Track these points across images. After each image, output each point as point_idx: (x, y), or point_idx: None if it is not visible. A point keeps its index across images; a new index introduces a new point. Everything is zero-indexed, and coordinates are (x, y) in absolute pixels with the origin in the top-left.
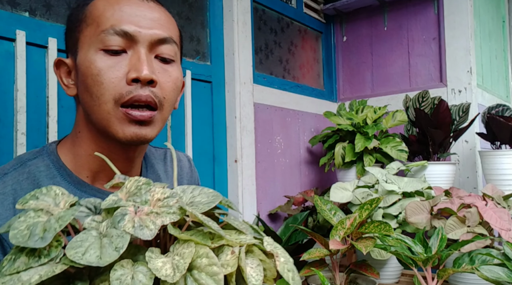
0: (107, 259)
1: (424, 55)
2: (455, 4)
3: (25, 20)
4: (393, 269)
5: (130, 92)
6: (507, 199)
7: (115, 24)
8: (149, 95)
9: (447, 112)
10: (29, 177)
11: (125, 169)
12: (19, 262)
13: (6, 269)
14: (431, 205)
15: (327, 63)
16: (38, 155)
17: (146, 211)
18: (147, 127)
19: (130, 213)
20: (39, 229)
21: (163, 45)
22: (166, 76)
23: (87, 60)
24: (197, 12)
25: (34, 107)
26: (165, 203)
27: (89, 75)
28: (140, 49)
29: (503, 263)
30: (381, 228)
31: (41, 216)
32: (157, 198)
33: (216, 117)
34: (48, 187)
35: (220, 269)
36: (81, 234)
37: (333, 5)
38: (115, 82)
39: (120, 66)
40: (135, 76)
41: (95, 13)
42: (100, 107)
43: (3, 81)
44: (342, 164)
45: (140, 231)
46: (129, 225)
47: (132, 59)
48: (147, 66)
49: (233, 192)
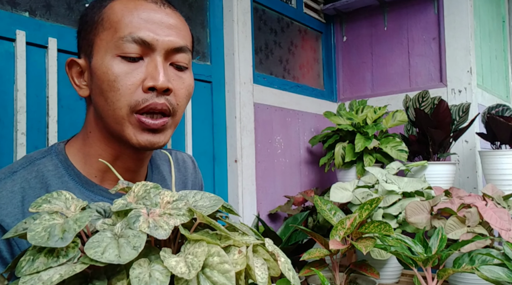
0: (126, 257)
1: (424, 55)
2: (455, 4)
3: (25, 20)
4: (393, 269)
5: (146, 100)
6: (507, 199)
7: (133, 31)
8: (165, 104)
9: (447, 112)
10: (38, 176)
11: (134, 169)
12: (38, 262)
13: (26, 269)
14: (431, 205)
15: (327, 63)
16: (46, 154)
17: (158, 212)
18: (160, 135)
19: (143, 215)
20: (58, 230)
21: (178, 54)
22: (180, 83)
23: (104, 65)
24: (197, 12)
25: (34, 107)
26: (175, 206)
27: (105, 80)
28: (157, 57)
29: (503, 263)
30: (381, 228)
31: (56, 218)
32: (166, 201)
33: (216, 117)
34: (59, 191)
35: (231, 267)
36: (96, 235)
37: (333, 5)
38: (131, 89)
39: (137, 73)
40: (151, 85)
41: (113, 18)
42: (115, 112)
43: (3, 81)
44: (342, 164)
45: (155, 231)
46: (145, 226)
47: (148, 66)
48: (163, 74)
49: (233, 192)
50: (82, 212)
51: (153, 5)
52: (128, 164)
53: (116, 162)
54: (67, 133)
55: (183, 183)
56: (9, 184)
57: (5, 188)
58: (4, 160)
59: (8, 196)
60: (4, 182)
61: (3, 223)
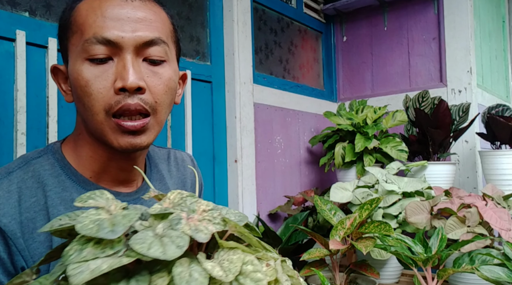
0: (171, 254)
1: (424, 55)
2: (455, 4)
3: (25, 20)
4: (393, 269)
5: (118, 102)
6: (507, 199)
7: (97, 32)
8: (138, 103)
9: (447, 112)
10: (34, 175)
11: (128, 169)
12: (86, 252)
13: (74, 257)
14: (431, 205)
15: (327, 63)
16: (42, 154)
17: (197, 218)
18: (142, 136)
19: (184, 219)
20: (107, 224)
21: (151, 48)
22: (156, 79)
23: (75, 70)
24: (197, 12)
25: (34, 107)
26: (210, 214)
27: (78, 86)
28: (126, 56)
29: (503, 263)
30: (381, 228)
31: (102, 214)
32: (202, 209)
33: (216, 117)
34: (101, 191)
35: (264, 276)
36: (139, 234)
37: (333, 5)
38: (103, 92)
39: (107, 75)
40: (121, 86)
41: (79, 20)
42: (93, 117)
43: (3, 81)
44: (342, 164)
45: (196, 234)
46: (187, 228)
47: (118, 66)
48: (133, 73)
49: (233, 192)
50: (129, 211)
51: (118, 0)
52: (121, 164)
53: (109, 162)
54: (67, 133)
55: (182, 182)
56: (5, 184)
57: (2, 188)
58: (4, 160)
59: (4, 196)
60: (1, 182)
61: (0, 223)
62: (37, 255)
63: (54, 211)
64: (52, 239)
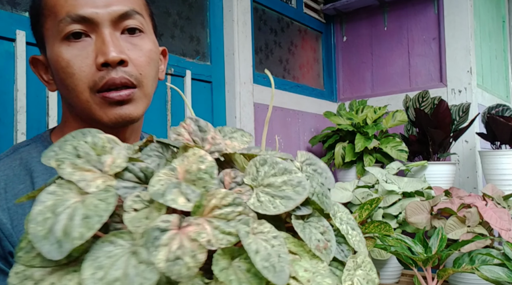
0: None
1: (424, 55)
2: (455, 4)
3: (25, 20)
4: (393, 269)
5: (102, 77)
6: (507, 199)
7: (70, 10)
8: (123, 77)
9: (447, 112)
10: (22, 163)
11: None
12: (35, 253)
13: (22, 256)
14: (431, 205)
15: (327, 63)
16: (31, 142)
17: (194, 226)
18: (129, 106)
19: (170, 231)
20: (59, 227)
21: (127, 20)
22: (138, 51)
23: (54, 54)
24: (197, 12)
25: (34, 107)
26: (227, 213)
27: (59, 68)
28: (103, 31)
29: (503, 263)
30: (381, 228)
31: (71, 196)
32: (220, 196)
33: (216, 117)
34: (97, 135)
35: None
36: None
37: (333, 5)
38: (86, 70)
39: (87, 53)
40: (103, 61)
41: (50, 3)
42: (78, 97)
43: (3, 81)
44: (342, 164)
45: (171, 267)
46: (162, 255)
47: (97, 43)
48: (113, 47)
49: None
50: (100, 193)
51: None
52: None
53: None
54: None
55: None
56: None
57: None
58: None
59: None
60: None
61: None
62: None
63: None
64: None
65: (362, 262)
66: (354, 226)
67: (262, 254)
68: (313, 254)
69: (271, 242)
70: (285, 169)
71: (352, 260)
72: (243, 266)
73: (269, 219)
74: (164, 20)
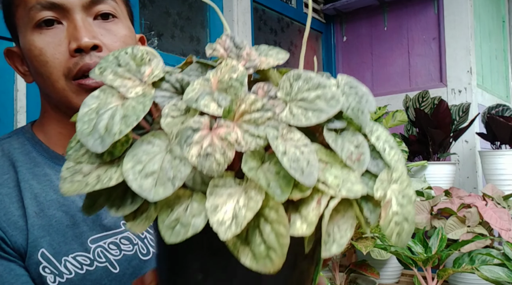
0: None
1: (424, 55)
2: (455, 4)
3: None
4: (393, 269)
5: (76, 63)
6: (507, 199)
7: None
8: (97, 62)
9: (447, 112)
10: (4, 154)
11: None
12: (83, 151)
13: (71, 154)
14: (431, 205)
15: (327, 63)
16: (12, 134)
17: (225, 128)
18: None
19: (201, 130)
20: (102, 125)
21: (98, 5)
22: (111, 36)
23: (27, 42)
24: (197, 12)
25: (34, 107)
26: (257, 117)
27: (32, 57)
28: (75, 16)
29: (503, 263)
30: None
31: (112, 100)
32: (251, 101)
33: None
34: (136, 46)
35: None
36: (143, 145)
37: (333, 5)
38: (59, 57)
39: (60, 40)
40: (76, 46)
41: None
42: (54, 86)
43: (3, 81)
44: None
45: (204, 161)
46: (195, 151)
47: (69, 29)
48: (85, 32)
49: None
50: (139, 98)
51: None
52: None
53: None
54: None
55: None
56: None
57: None
58: None
59: None
60: None
61: None
62: (15, 228)
63: (26, 186)
64: (26, 212)
65: (399, 178)
66: (393, 145)
67: (290, 156)
68: (345, 164)
69: (301, 149)
70: (319, 84)
71: (387, 172)
72: (272, 168)
73: (301, 132)
74: (164, 20)
